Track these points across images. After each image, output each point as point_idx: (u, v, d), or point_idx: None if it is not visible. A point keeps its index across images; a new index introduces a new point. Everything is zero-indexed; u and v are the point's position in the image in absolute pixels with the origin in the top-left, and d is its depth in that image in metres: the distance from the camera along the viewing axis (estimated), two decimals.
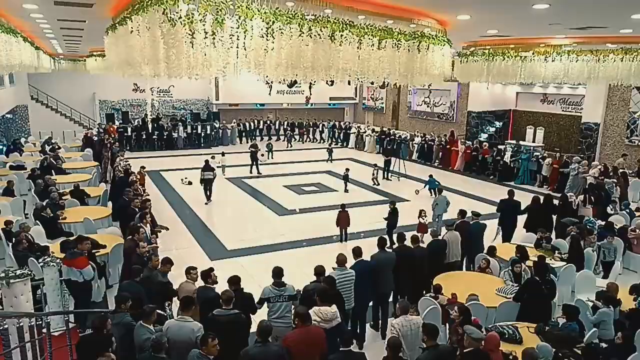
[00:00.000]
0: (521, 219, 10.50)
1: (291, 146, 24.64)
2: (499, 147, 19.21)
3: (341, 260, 6.40)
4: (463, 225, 8.75)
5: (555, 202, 11.17)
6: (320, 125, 27.62)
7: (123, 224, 9.26)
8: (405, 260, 7.15)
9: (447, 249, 8.06)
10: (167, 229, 9.31)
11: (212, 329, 5.02)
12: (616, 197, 12.75)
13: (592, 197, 11.59)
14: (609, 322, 6.06)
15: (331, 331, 5.08)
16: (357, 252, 6.78)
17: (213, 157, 17.56)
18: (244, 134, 25.87)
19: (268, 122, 26.81)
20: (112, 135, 20.77)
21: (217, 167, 17.78)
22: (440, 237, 8.16)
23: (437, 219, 11.30)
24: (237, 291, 5.55)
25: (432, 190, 14.68)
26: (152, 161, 19.26)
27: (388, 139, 23.00)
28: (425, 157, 21.68)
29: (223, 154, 18.58)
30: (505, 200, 10.53)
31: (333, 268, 6.34)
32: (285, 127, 26.87)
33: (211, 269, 5.99)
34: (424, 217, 10.76)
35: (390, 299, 7.28)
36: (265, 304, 5.73)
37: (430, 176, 15.15)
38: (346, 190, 15.55)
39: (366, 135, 24.77)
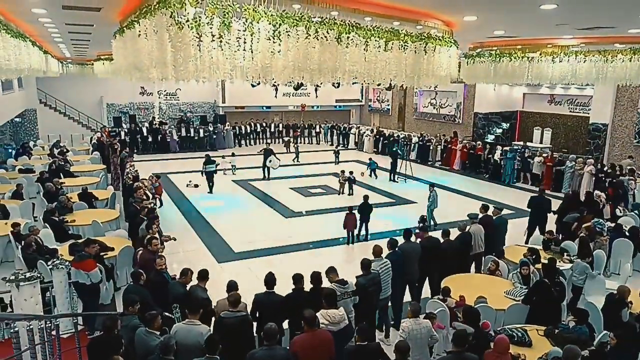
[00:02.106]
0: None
1: (289, 151, 24.22)
2: (497, 146, 19.43)
3: (377, 251, 6.73)
4: (486, 219, 9.02)
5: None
6: (317, 126, 27.67)
7: (133, 232, 9.12)
8: (431, 251, 7.59)
9: (472, 242, 8.35)
10: (174, 239, 9.11)
11: (218, 330, 5.04)
12: (632, 193, 12.85)
13: (609, 194, 11.67)
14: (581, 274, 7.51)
15: (339, 334, 5.06)
16: (393, 243, 7.14)
17: (224, 157, 18.25)
18: (240, 137, 25.86)
19: (264, 124, 26.83)
20: (108, 139, 20.74)
21: (228, 169, 18.24)
22: (466, 230, 8.40)
23: (430, 213, 12.09)
24: (297, 290, 5.66)
25: (372, 171, 17.95)
26: (146, 164, 18.91)
27: (385, 140, 23.48)
28: (423, 157, 21.83)
29: (233, 154, 19.13)
30: (536, 197, 10.72)
31: (371, 261, 6.48)
32: (280, 129, 26.90)
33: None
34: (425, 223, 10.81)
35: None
36: None
37: (370, 159, 18.46)
38: (350, 193, 15.46)
39: (365, 136, 25.18)
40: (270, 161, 17.65)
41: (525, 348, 5.40)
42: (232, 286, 5.57)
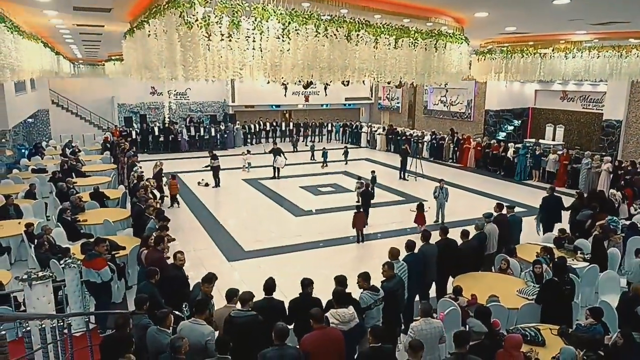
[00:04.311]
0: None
1: (296, 150, 23.72)
2: (510, 143, 19.34)
3: (395, 253, 6.67)
4: (501, 218, 8.98)
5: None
6: (329, 125, 27.54)
7: (138, 232, 9.09)
8: (448, 252, 7.54)
9: (487, 241, 8.32)
10: (174, 239, 9.02)
11: (229, 329, 5.04)
12: None
13: (627, 194, 11.54)
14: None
15: (349, 333, 5.03)
16: (410, 245, 7.10)
17: (244, 153, 19.04)
18: (249, 136, 25.82)
19: (274, 123, 26.77)
20: (117, 138, 20.87)
21: (246, 166, 18.69)
22: (482, 230, 8.35)
23: (440, 209, 12.15)
24: (304, 295, 5.59)
25: (324, 158, 19.85)
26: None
27: (399, 137, 23.35)
28: (436, 155, 21.76)
29: (249, 152, 19.42)
30: (547, 197, 10.68)
31: (393, 262, 6.46)
32: (290, 128, 26.78)
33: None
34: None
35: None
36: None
37: (323, 148, 20.46)
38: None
39: (378, 134, 25.09)
40: (276, 161, 17.71)
41: (539, 347, 5.33)
42: (232, 294, 5.45)
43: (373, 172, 15.57)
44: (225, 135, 24.82)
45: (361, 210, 11.08)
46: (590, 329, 5.53)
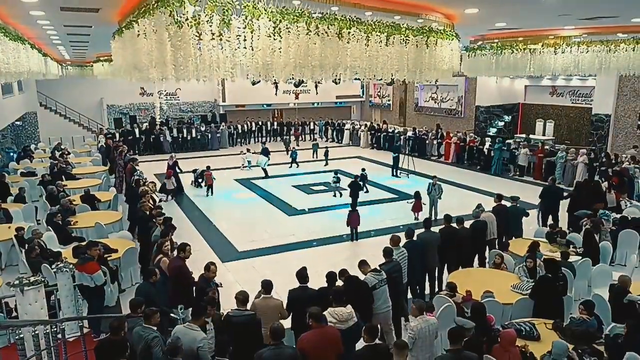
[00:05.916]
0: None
1: (289, 150, 22.43)
2: (487, 138, 19.76)
3: (395, 240, 6.94)
4: (500, 208, 9.35)
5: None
6: (311, 123, 27.37)
7: (143, 237, 8.89)
8: (451, 238, 7.95)
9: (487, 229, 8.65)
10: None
11: (226, 329, 5.01)
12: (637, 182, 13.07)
13: (614, 183, 11.72)
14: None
15: (347, 331, 5.02)
16: (409, 233, 7.46)
17: (243, 152, 19.40)
18: (235, 136, 25.49)
19: (260, 123, 26.53)
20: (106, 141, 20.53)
21: (245, 166, 18.84)
22: (480, 218, 8.71)
23: (433, 206, 12.17)
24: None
25: (293, 158, 19.47)
26: (141, 165, 17.59)
27: (381, 134, 23.55)
28: (419, 151, 21.87)
29: (248, 150, 19.67)
30: (548, 187, 11.04)
31: (392, 248, 6.71)
32: (275, 128, 26.58)
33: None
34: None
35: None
36: None
37: (293, 148, 20.60)
38: (366, 191, 14.99)
39: (361, 131, 25.15)
40: (258, 159, 17.92)
41: (534, 342, 5.35)
42: (267, 284, 5.57)
43: (363, 169, 15.52)
44: (209, 136, 24.42)
45: (356, 209, 11.08)
46: (583, 322, 5.57)
